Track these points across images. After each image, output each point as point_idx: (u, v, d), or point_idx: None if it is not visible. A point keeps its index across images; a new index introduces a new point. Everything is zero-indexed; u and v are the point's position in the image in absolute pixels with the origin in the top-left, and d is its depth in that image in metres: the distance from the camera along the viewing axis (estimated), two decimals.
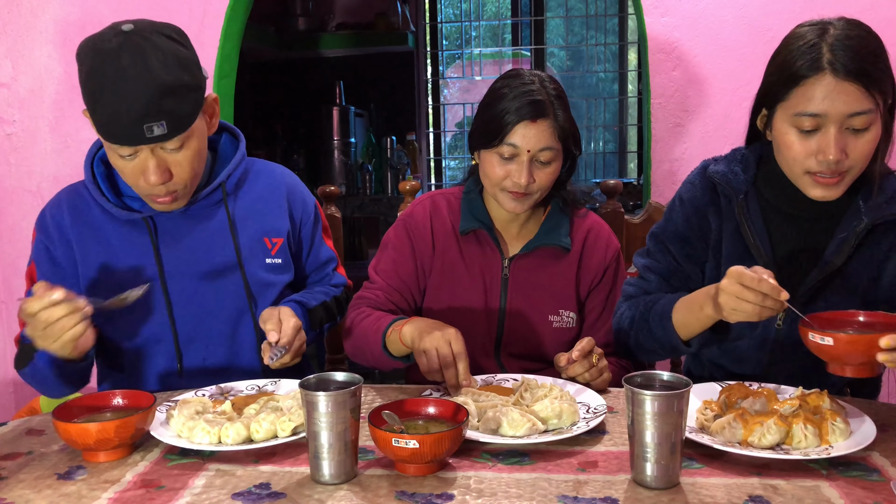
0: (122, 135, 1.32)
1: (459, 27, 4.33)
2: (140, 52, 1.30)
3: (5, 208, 2.55)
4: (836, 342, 1.13)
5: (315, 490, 1.03)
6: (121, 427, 1.12)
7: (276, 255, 1.57)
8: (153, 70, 1.30)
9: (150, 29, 1.34)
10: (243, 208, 1.57)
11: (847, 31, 1.26)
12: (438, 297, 1.61)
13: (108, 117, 1.32)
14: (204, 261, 1.52)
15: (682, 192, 1.51)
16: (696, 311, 1.33)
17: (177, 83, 1.32)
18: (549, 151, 1.49)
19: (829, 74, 1.23)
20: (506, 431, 1.17)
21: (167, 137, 1.34)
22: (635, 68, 4.13)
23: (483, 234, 1.61)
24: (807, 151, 1.28)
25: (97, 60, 1.31)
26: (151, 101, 1.30)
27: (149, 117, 1.30)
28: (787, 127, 1.30)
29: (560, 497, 1.00)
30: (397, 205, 2.82)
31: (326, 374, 1.11)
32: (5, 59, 2.48)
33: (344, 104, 4.00)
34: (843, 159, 1.25)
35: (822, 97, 1.24)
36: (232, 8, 2.38)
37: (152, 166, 1.36)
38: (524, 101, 1.47)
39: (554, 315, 1.60)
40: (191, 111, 1.36)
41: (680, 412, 1.00)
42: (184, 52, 1.37)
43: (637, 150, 4.17)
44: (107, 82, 1.30)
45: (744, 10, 2.19)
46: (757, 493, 1.00)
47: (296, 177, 1.69)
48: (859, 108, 1.23)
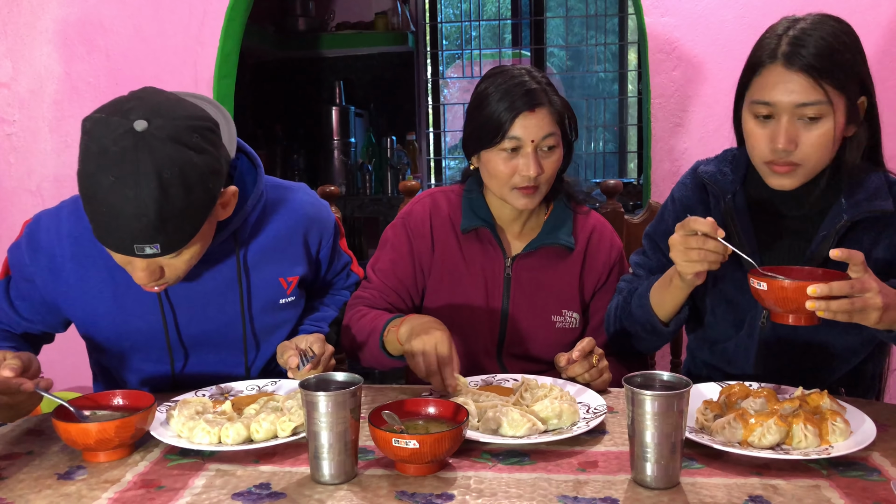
0: (109, 244, 1.21)
1: (459, 27, 4.33)
2: (143, 168, 1.13)
3: (5, 208, 2.55)
4: (769, 287, 1.18)
5: (315, 490, 1.03)
6: (121, 427, 1.12)
7: (290, 294, 1.50)
8: (153, 196, 1.14)
9: (165, 132, 1.16)
10: (258, 250, 1.46)
11: (814, 25, 1.28)
12: (439, 296, 1.60)
13: (95, 223, 1.20)
14: (213, 307, 1.45)
15: (675, 192, 1.54)
16: (667, 284, 1.38)
17: (179, 207, 1.17)
18: (551, 138, 1.49)
19: (780, 65, 1.27)
20: (506, 431, 1.17)
21: (160, 255, 1.21)
22: (635, 68, 4.13)
23: (485, 232, 1.59)
24: (763, 140, 1.31)
25: (96, 162, 1.16)
26: (144, 230, 1.16)
27: (139, 241, 1.18)
28: (748, 115, 1.33)
29: (560, 497, 1.00)
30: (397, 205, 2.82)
31: (326, 374, 1.11)
32: (5, 59, 2.48)
33: (344, 104, 4.00)
34: (793, 149, 1.28)
35: (773, 86, 1.27)
36: (232, 8, 2.38)
37: (140, 267, 1.24)
38: (518, 93, 1.47)
39: (557, 315, 1.58)
40: (192, 231, 1.22)
41: (680, 412, 1.00)
42: (199, 163, 1.19)
43: (637, 150, 4.17)
44: (101, 193, 1.15)
45: (744, 10, 2.19)
46: (757, 493, 1.00)
47: (314, 198, 1.58)
48: (807, 99, 1.25)
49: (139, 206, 1.14)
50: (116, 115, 1.18)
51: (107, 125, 1.17)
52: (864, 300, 1.13)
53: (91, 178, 1.17)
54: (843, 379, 1.47)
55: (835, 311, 1.13)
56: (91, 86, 2.47)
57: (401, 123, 4.17)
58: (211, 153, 1.22)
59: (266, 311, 1.49)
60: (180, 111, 1.20)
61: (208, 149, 1.21)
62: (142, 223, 1.16)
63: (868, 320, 1.16)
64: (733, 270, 1.42)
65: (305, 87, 4.20)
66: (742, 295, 1.43)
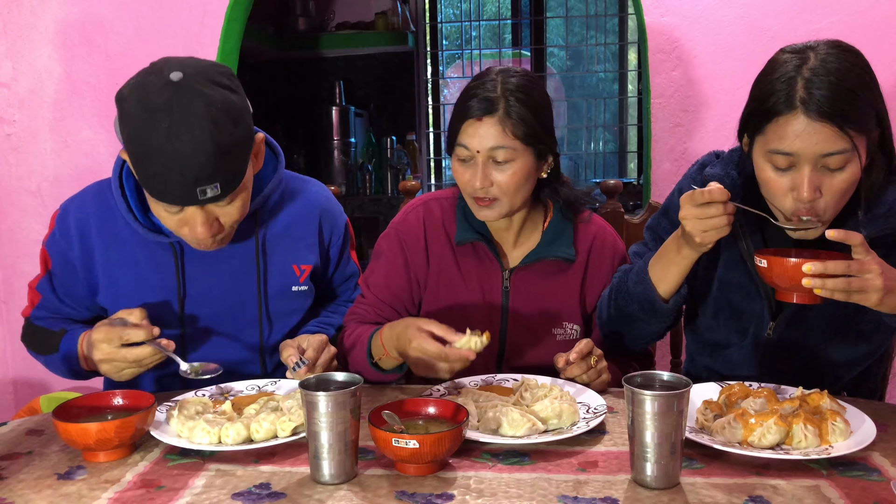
0: (173, 197, 1.26)
1: (459, 27, 4.33)
2: (192, 109, 1.21)
3: (5, 208, 2.55)
4: (769, 264, 1.20)
5: (315, 490, 1.03)
6: (121, 427, 1.12)
7: (303, 282, 1.54)
8: (207, 130, 1.21)
9: (201, 77, 1.24)
10: (275, 234, 1.52)
11: (826, 62, 1.20)
12: (436, 309, 1.55)
13: (156, 178, 1.24)
14: (227, 288, 1.49)
15: (682, 186, 1.49)
16: (673, 255, 1.34)
17: (231, 141, 1.24)
18: (503, 150, 1.40)
19: (801, 113, 1.19)
20: (506, 431, 1.17)
21: (220, 198, 1.27)
22: (635, 68, 4.13)
23: (481, 246, 1.54)
24: (783, 189, 1.25)
25: (146, 116, 1.22)
26: (206, 165, 1.22)
27: (202, 180, 1.23)
28: (763, 162, 1.27)
29: (560, 497, 1.00)
30: (397, 205, 2.82)
31: (326, 374, 1.11)
32: (5, 59, 2.48)
33: (344, 104, 4.00)
34: (818, 198, 1.22)
35: (795, 136, 1.19)
36: (232, 8, 2.38)
37: (201, 221, 1.30)
38: (470, 99, 1.42)
39: (557, 328, 1.55)
40: (243, 166, 1.30)
41: (680, 412, 1.00)
42: (236, 100, 1.28)
43: (637, 150, 4.17)
44: (157, 143, 1.21)
45: (744, 10, 2.19)
46: (757, 493, 1.00)
47: (329, 194, 1.65)
48: (832, 149, 1.19)
49: (197, 145, 1.21)
50: (150, 75, 1.25)
51: (144, 85, 1.24)
52: (863, 281, 1.13)
53: (143, 134, 1.22)
54: (846, 385, 1.46)
55: (831, 290, 1.14)
56: (91, 86, 2.47)
57: (401, 123, 4.18)
58: (241, 93, 1.32)
59: (279, 297, 1.53)
60: (204, 62, 1.30)
61: (239, 89, 1.31)
62: (202, 160, 1.21)
63: (868, 301, 1.15)
64: (740, 277, 1.40)
65: (305, 87, 4.20)
66: (748, 303, 1.41)
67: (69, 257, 1.48)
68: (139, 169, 1.26)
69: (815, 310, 1.35)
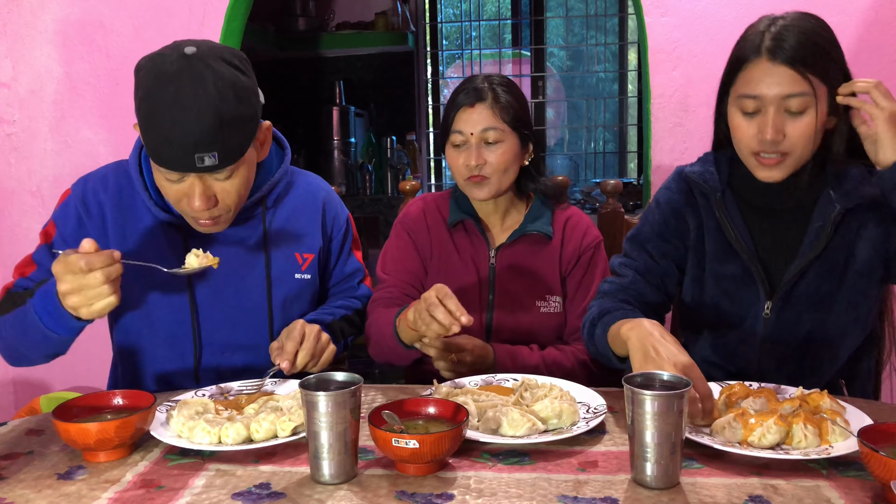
0: (172, 160, 1.30)
1: (459, 27, 4.33)
2: (200, 79, 1.27)
3: (5, 208, 2.55)
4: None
5: (315, 490, 1.03)
6: (121, 427, 1.13)
7: (305, 270, 1.59)
8: (211, 100, 1.27)
9: (213, 54, 1.31)
10: (279, 222, 1.57)
11: (794, 21, 1.34)
12: None
13: (159, 142, 1.29)
14: (233, 272, 1.52)
15: (659, 197, 1.56)
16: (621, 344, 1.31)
17: (233, 115, 1.30)
18: (493, 132, 1.60)
19: (765, 59, 1.32)
20: (506, 431, 1.17)
21: (218, 168, 1.31)
22: (635, 68, 4.13)
23: (470, 224, 1.71)
24: (750, 133, 1.35)
25: (156, 83, 1.28)
26: (206, 132, 1.27)
27: (201, 147, 1.28)
28: (734, 110, 1.37)
29: (560, 497, 1.00)
30: (397, 205, 2.82)
31: (326, 374, 1.11)
32: (5, 59, 2.48)
33: (344, 104, 4.00)
34: (781, 139, 1.32)
35: (759, 79, 1.32)
36: (232, 8, 2.38)
37: (198, 192, 1.34)
38: (460, 94, 1.64)
39: (541, 301, 1.67)
40: (243, 142, 1.34)
41: (680, 412, 1.00)
42: (244, 80, 1.34)
43: (637, 150, 4.17)
44: (163, 107, 1.27)
45: (744, 11, 2.19)
46: (757, 493, 1.00)
47: (331, 188, 1.72)
48: (792, 90, 1.30)
49: (199, 110, 1.26)
50: (166, 50, 1.32)
51: (160, 56, 1.31)
52: None
53: (152, 97, 1.28)
54: (841, 371, 1.49)
55: None
56: (91, 86, 2.47)
57: (401, 123, 4.17)
58: (252, 77, 1.37)
59: (281, 283, 1.56)
60: (221, 45, 1.37)
61: (250, 73, 1.37)
62: (202, 126, 1.27)
63: None
64: (732, 267, 1.45)
65: (305, 87, 4.20)
66: (745, 289, 1.45)
67: (84, 222, 1.49)
68: (145, 134, 1.31)
69: (808, 285, 1.41)
